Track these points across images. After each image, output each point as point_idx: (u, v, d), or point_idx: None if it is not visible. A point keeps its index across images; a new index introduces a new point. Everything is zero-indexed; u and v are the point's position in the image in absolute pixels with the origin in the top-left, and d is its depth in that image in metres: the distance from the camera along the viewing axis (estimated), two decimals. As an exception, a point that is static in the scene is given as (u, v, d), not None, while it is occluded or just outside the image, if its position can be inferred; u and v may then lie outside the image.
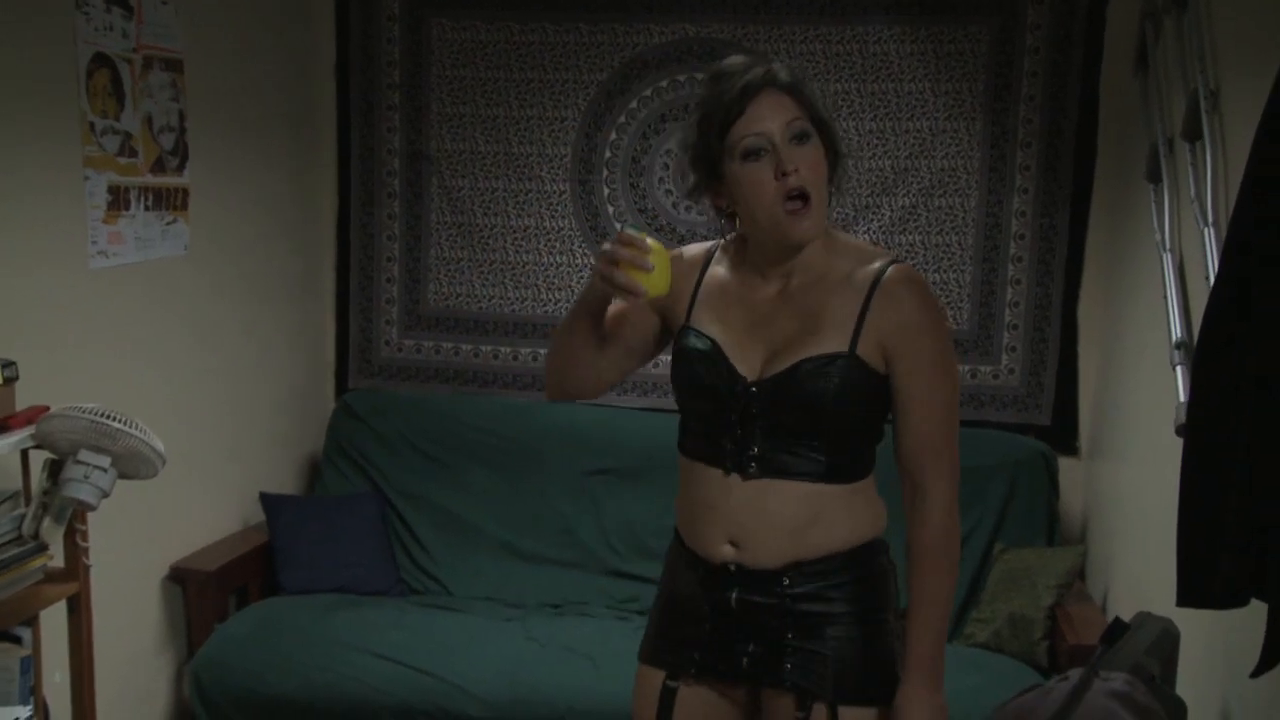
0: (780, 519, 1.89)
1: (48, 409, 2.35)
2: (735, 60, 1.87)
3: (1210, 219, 2.33)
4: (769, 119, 1.82)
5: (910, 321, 1.84)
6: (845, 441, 1.89)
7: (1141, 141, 3.16)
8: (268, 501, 3.75)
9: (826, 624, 1.89)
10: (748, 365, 1.90)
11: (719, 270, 2.00)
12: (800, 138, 1.83)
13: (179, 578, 3.44)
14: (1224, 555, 1.67)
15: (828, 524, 1.89)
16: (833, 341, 1.85)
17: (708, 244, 2.07)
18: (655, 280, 1.80)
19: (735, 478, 1.91)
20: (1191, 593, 1.73)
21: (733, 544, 1.92)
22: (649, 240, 1.81)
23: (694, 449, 1.98)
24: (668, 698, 2.00)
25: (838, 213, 3.89)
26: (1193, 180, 2.49)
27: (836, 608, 1.89)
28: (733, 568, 1.92)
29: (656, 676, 2.02)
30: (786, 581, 1.89)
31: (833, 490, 1.89)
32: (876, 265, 1.88)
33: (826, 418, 1.86)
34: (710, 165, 1.87)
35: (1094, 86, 3.70)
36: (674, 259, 1.94)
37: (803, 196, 1.82)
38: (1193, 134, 2.51)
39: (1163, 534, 2.73)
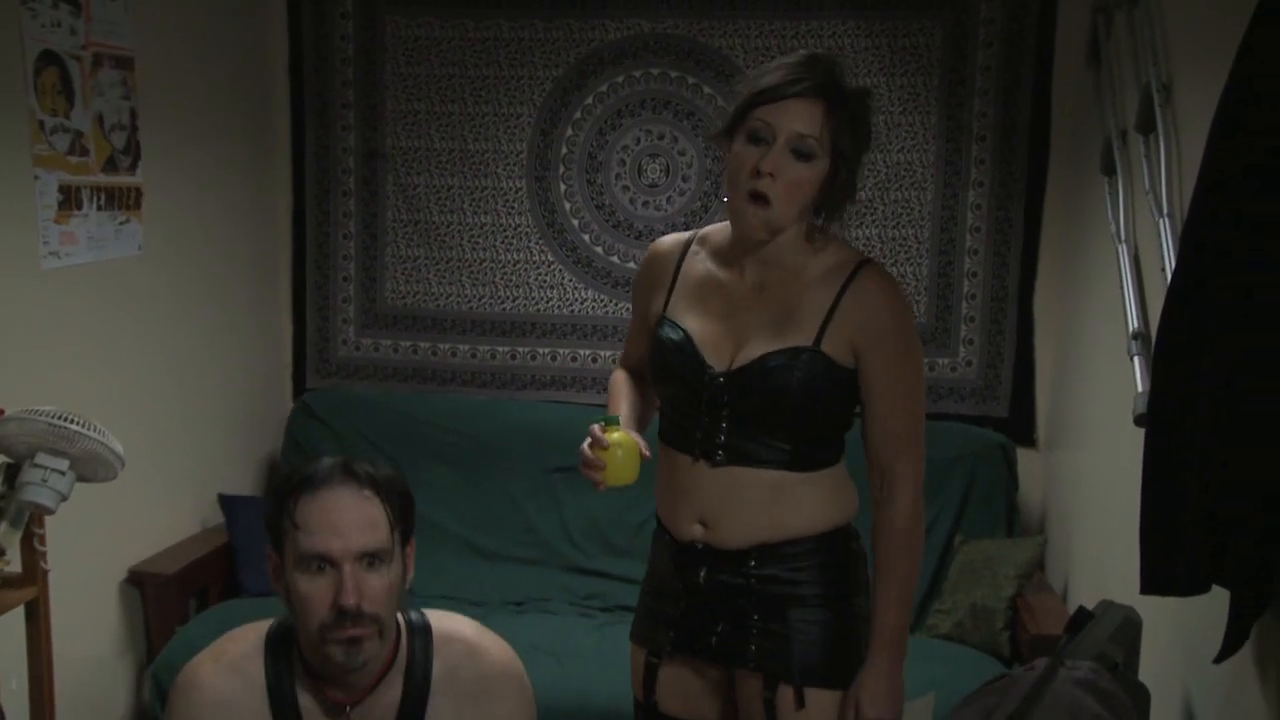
0: (747, 503, 1.93)
1: (2, 412, 2.31)
2: (827, 58, 1.87)
3: (1165, 210, 2.35)
4: (789, 119, 1.82)
5: (879, 319, 1.89)
6: (811, 431, 1.93)
7: (1095, 134, 3.19)
8: (226, 503, 3.71)
9: (792, 606, 1.93)
10: (718, 356, 1.93)
11: (696, 261, 2.03)
12: (801, 154, 1.83)
13: (137, 581, 3.39)
14: (1185, 544, 1.69)
15: (794, 508, 1.93)
16: (800, 335, 1.89)
17: (685, 234, 2.10)
18: (612, 474, 1.94)
19: (703, 464, 1.95)
20: (1154, 580, 1.75)
21: (702, 524, 1.96)
22: (609, 434, 1.94)
23: (667, 435, 2.03)
24: (651, 674, 2.06)
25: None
26: (1147, 172, 2.52)
27: (803, 590, 1.93)
28: (700, 546, 1.96)
29: (641, 654, 2.09)
30: (753, 562, 1.93)
31: (800, 476, 1.93)
32: (851, 264, 1.92)
33: (792, 409, 1.89)
34: (731, 122, 1.89)
35: (1047, 80, 3.74)
36: (650, 255, 2.08)
37: (761, 199, 1.84)
38: (1146, 127, 2.54)
39: (1122, 523, 2.76)
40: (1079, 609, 1.99)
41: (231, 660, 1.72)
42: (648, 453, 2.01)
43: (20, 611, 2.48)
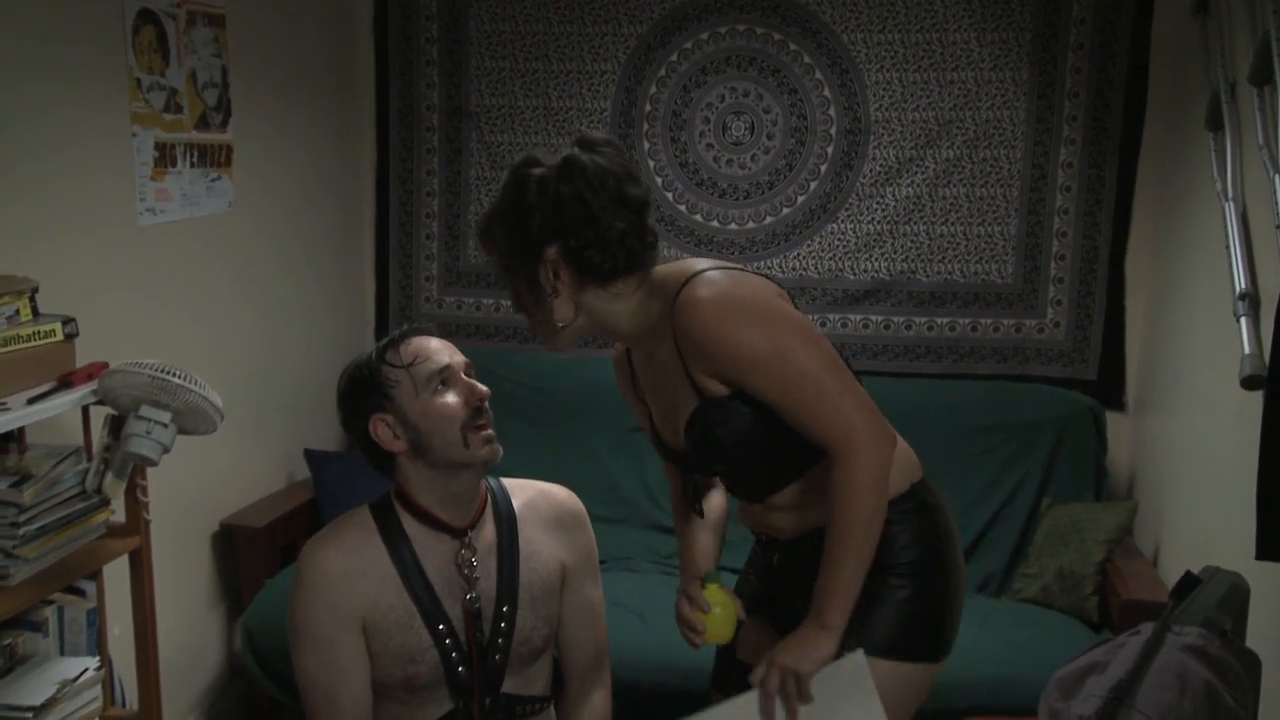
0: (776, 516, 2.02)
1: (107, 365, 2.35)
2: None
3: None
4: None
5: (706, 350, 1.81)
6: (762, 459, 1.93)
7: (1199, 88, 3.10)
8: (312, 458, 3.76)
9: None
10: (674, 438, 2.00)
11: (636, 355, 2.08)
12: (504, 276, 1.97)
13: (229, 534, 3.46)
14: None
15: (809, 507, 1.96)
16: (686, 396, 1.90)
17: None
18: (711, 635, 2.02)
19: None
20: (1272, 546, 1.72)
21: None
22: (708, 593, 2.02)
23: None
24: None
25: (881, 166, 3.86)
26: (1260, 126, 2.44)
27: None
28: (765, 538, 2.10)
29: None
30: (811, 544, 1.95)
31: (794, 487, 1.96)
32: (670, 307, 1.85)
33: (738, 457, 1.93)
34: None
35: (1145, 33, 3.65)
36: (615, 365, 2.15)
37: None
38: (1262, 78, 2.45)
39: (1220, 488, 2.71)
40: (1186, 573, 1.94)
41: (347, 523, 1.99)
42: (744, 615, 2.06)
43: (123, 561, 2.53)
